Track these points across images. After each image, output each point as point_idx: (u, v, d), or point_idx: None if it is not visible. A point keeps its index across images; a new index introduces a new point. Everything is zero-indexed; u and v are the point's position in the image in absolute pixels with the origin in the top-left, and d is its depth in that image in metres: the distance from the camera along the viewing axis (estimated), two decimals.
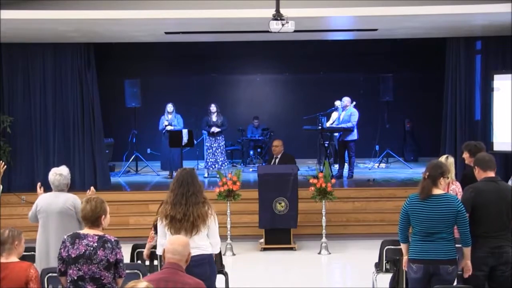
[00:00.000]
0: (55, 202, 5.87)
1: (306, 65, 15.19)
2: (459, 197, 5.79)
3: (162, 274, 3.94)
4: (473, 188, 5.31)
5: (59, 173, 6.00)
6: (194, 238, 4.94)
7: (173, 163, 12.42)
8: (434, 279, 5.06)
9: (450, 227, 5.05)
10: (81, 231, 4.61)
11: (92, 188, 6.26)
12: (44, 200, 5.99)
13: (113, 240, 4.56)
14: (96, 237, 4.53)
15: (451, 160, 6.48)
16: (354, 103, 12.36)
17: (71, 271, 4.49)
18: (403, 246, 5.28)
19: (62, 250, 4.53)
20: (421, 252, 5.10)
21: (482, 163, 5.39)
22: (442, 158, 6.35)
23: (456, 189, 6.38)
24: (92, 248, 4.47)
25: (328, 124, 12.59)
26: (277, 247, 9.12)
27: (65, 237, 4.59)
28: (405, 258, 5.27)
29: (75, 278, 4.47)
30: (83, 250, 4.47)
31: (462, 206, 5.07)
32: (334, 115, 12.84)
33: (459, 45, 11.27)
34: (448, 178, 5.45)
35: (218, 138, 12.65)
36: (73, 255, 4.47)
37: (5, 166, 6.31)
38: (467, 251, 5.14)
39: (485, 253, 5.17)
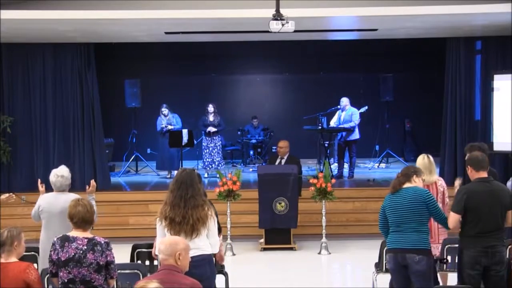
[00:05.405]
0: (56, 203, 5.89)
1: (306, 65, 15.17)
2: (447, 192, 6.20)
3: (158, 276, 3.95)
4: (466, 190, 5.30)
5: (60, 175, 6.01)
6: (194, 239, 4.92)
7: (171, 163, 12.43)
8: (409, 270, 5.19)
9: (420, 217, 5.19)
10: (70, 234, 4.57)
11: (92, 182, 6.27)
12: (45, 201, 6.02)
13: (103, 242, 4.52)
14: (86, 240, 4.50)
15: (430, 159, 6.37)
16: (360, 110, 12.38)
17: (61, 273, 4.47)
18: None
19: (52, 253, 4.51)
20: (392, 242, 5.29)
21: (475, 163, 5.35)
22: (420, 158, 6.35)
23: (443, 184, 6.41)
24: (81, 252, 4.45)
25: (332, 123, 12.51)
26: (277, 247, 9.12)
27: (55, 239, 4.57)
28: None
29: (66, 280, 4.46)
30: (73, 254, 4.45)
31: (431, 197, 5.25)
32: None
33: (459, 45, 11.27)
34: (424, 179, 5.59)
35: (214, 138, 12.65)
36: (62, 258, 4.45)
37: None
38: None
39: (478, 252, 5.17)
